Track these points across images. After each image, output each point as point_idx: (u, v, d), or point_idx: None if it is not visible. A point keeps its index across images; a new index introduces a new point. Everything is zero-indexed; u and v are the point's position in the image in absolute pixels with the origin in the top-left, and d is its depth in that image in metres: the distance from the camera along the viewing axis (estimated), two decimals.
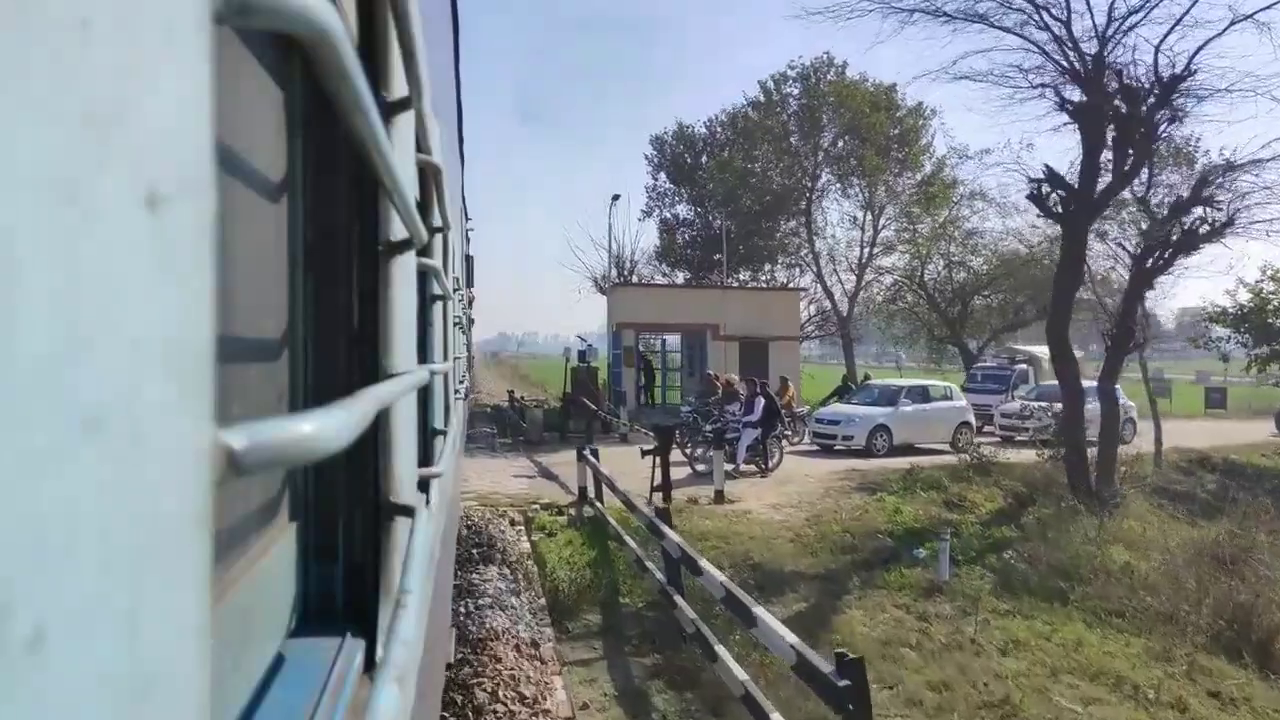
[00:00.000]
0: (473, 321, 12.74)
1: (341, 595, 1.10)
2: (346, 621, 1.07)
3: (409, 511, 1.15)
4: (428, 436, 2.21)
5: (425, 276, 1.90)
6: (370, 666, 1.03)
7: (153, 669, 0.29)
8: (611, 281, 27.85)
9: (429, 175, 1.65)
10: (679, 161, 34.58)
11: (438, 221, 1.88)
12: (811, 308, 31.42)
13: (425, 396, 2.22)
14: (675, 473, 11.76)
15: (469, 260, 10.44)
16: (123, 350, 0.28)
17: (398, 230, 1.14)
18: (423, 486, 1.56)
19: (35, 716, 0.23)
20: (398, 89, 1.13)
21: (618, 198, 27.23)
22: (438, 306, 2.43)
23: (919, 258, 27.96)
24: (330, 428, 0.46)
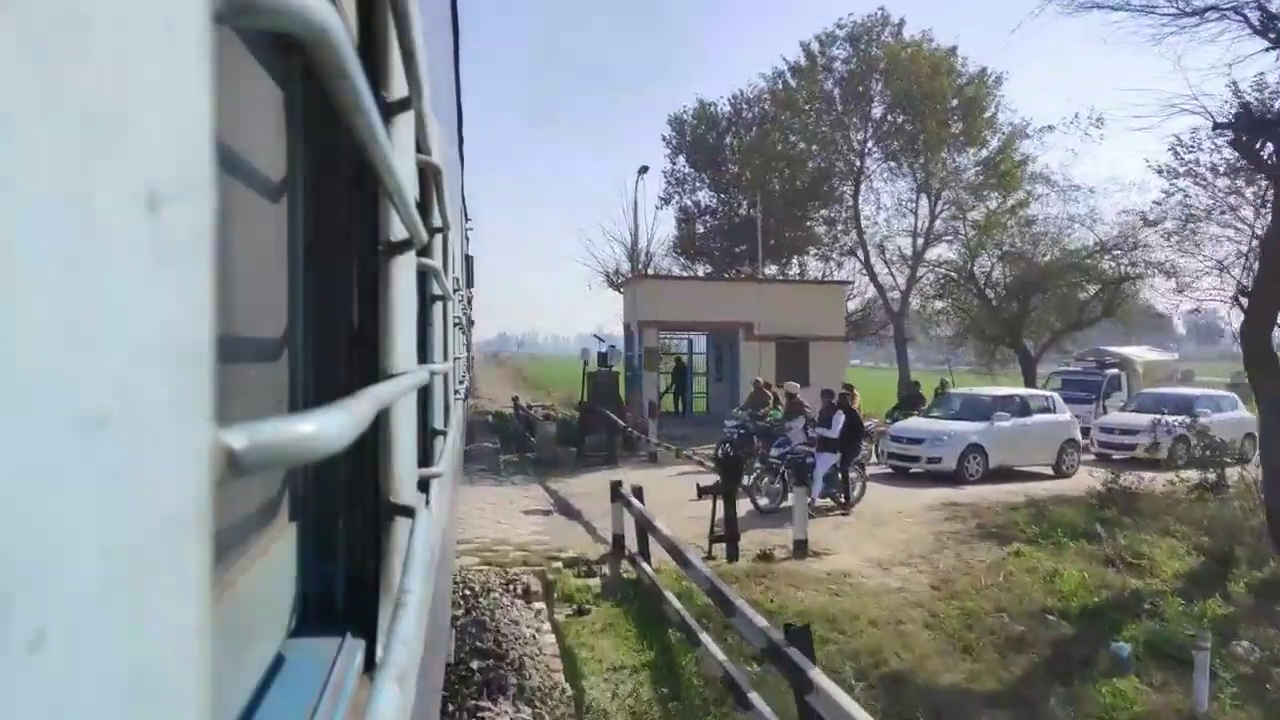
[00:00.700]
0: (473, 322, 12.71)
1: (341, 595, 1.10)
2: (346, 621, 1.07)
3: (409, 512, 1.15)
4: (427, 437, 2.22)
5: (425, 277, 1.90)
6: (370, 666, 1.03)
7: (153, 669, 0.29)
8: (630, 274, 24.72)
9: (429, 176, 1.65)
10: (701, 143, 30.07)
11: (437, 222, 1.88)
12: (849, 305, 26.74)
13: (425, 397, 2.22)
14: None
15: (469, 260, 10.41)
16: (123, 350, 0.28)
17: (398, 230, 1.14)
18: (423, 487, 1.57)
19: (36, 716, 0.23)
20: (397, 89, 1.13)
21: (645, 169, 23.84)
22: (437, 307, 2.43)
23: (970, 248, 24.77)
24: (330, 428, 0.46)
